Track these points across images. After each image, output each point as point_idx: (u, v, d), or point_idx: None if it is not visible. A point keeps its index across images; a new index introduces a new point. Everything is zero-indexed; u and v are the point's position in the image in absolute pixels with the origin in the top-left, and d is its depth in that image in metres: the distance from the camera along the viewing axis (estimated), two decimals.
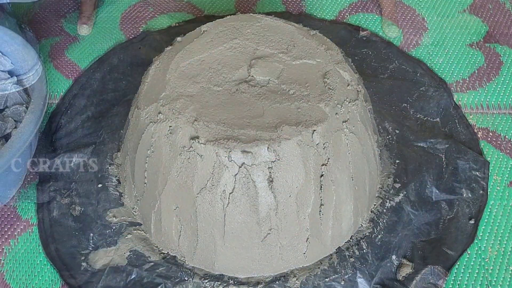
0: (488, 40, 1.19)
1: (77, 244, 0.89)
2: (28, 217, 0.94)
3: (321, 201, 0.81)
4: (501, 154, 1.01)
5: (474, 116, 1.06)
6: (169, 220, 0.83)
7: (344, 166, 0.82)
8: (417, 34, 1.21)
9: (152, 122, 0.83)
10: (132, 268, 0.86)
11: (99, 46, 1.20)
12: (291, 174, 0.78)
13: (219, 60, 0.88)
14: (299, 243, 0.83)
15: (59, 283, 0.87)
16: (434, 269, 0.85)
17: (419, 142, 1.00)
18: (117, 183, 0.96)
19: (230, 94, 0.83)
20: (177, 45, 0.92)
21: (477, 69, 1.14)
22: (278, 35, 0.91)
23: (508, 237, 0.91)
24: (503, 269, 0.88)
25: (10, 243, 0.91)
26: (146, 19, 1.26)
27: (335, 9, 1.26)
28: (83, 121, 1.05)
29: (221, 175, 0.77)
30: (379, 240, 0.88)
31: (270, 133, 0.78)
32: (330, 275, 0.85)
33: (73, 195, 0.94)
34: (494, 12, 1.25)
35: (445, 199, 0.93)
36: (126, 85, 1.11)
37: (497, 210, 0.94)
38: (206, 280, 0.84)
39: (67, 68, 1.16)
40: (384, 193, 0.93)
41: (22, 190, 0.97)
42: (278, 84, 0.84)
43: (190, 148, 0.78)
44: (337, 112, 0.81)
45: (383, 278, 0.85)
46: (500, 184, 0.97)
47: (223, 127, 0.79)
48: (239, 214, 0.79)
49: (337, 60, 0.88)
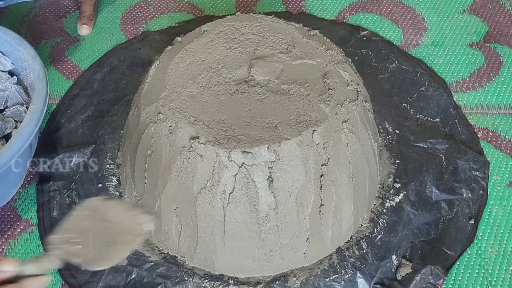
0: (488, 40, 1.19)
1: None
2: (28, 217, 0.94)
3: (321, 201, 0.81)
4: (501, 154, 1.01)
5: (474, 116, 1.06)
6: (169, 220, 0.83)
7: (344, 166, 0.82)
8: (417, 34, 1.21)
9: (152, 122, 0.83)
10: (132, 268, 0.86)
11: (100, 47, 1.20)
12: (291, 174, 0.78)
13: (219, 60, 0.88)
14: (299, 243, 0.82)
15: (59, 283, 0.87)
16: (434, 269, 0.85)
17: (419, 142, 1.00)
18: (117, 183, 0.96)
19: (230, 94, 0.83)
20: (177, 45, 0.92)
21: (477, 69, 1.14)
22: (278, 35, 0.91)
23: (508, 237, 0.91)
24: (503, 269, 0.88)
25: (10, 243, 0.91)
26: (146, 19, 1.26)
27: (335, 9, 1.26)
28: (83, 121, 1.05)
29: (221, 175, 0.77)
30: (379, 240, 0.88)
31: (270, 133, 0.78)
32: (330, 275, 0.85)
33: (73, 195, 0.95)
34: (494, 12, 1.25)
35: (445, 199, 0.93)
36: (126, 85, 1.10)
37: (497, 210, 0.94)
38: (206, 280, 0.84)
39: (67, 69, 1.16)
40: (384, 193, 0.93)
41: (22, 190, 0.97)
42: (278, 84, 0.84)
43: (190, 148, 0.78)
44: (337, 112, 0.81)
45: (383, 278, 0.85)
46: (500, 184, 0.97)
47: (223, 127, 0.79)
48: (239, 214, 0.79)
49: (337, 60, 0.88)
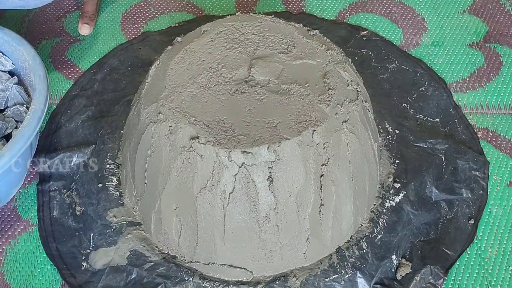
0: (488, 40, 1.19)
1: (77, 244, 0.89)
2: (28, 217, 0.94)
3: (321, 201, 0.81)
4: (501, 154, 1.01)
5: (474, 116, 1.06)
6: (169, 220, 0.83)
7: (344, 166, 0.82)
8: (417, 34, 1.21)
9: (152, 122, 0.83)
10: (132, 268, 0.86)
11: (100, 47, 1.20)
12: (291, 174, 0.78)
13: (219, 60, 0.88)
14: (299, 243, 0.83)
15: (59, 283, 0.87)
16: (434, 269, 0.85)
17: (419, 142, 1.00)
18: (117, 183, 0.96)
19: (230, 94, 0.83)
20: (177, 45, 0.92)
21: (477, 69, 1.14)
22: (278, 35, 0.91)
23: (508, 237, 0.91)
24: (502, 269, 0.88)
25: (10, 243, 0.91)
26: (147, 20, 1.26)
27: (335, 9, 1.26)
28: (83, 121, 1.05)
29: (221, 175, 0.77)
30: (379, 240, 0.89)
31: (270, 133, 0.78)
32: (330, 275, 0.85)
33: (74, 195, 0.95)
34: (494, 12, 1.25)
35: (445, 199, 0.93)
36: (126, 85, 1.10)
37: (496, 210, 0.94)
38: (206, 280, 0.84)
39: (68, 69, 1.16)
40: (384, 193, 0.93)
41: (23, 190, 0.97)
42: (278, 84, 0.84)
43: (190, 148, 0.78)
44: (337, 112, 0.81)
45: (383, 278, 0.85)
46: (500, 184, 0.97)
47: (223, 127, 0.79)
48: (239, 214, 0.79)
49: (337, 60, 0.88)
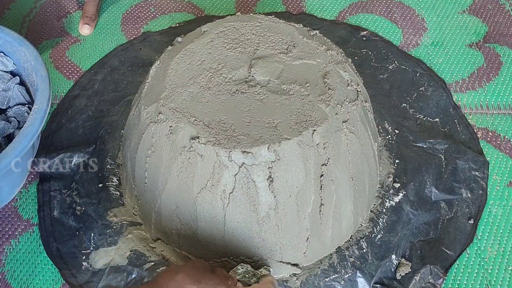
0: (487, 41, 1.19)
1: (78, 244, 0.89)
2: (29, 217, 0.94)
3: (321, 201, 0.81)
4: (500, 154, 1.01)
5: (473, 116, 1.06)
6: (169, 220, 0.84)
7: (344, 166, 0.82)
8: (417, 34, 1.21)
9: (153, 122, 0.83)
10: (132, 268, 0.86)
11: (100, 47, 1.20)
12: (291, 174, 0.78)
13: (219, 60, 0.88)
14: (299, 243, 0.83)
15: (60, 283, 0.87)
16: (433, 269, 0.85)
17: (419, 142, 1.00)
18: (117, 183, 0.96)
19: (230, 94, 0.83)
20: (178, 45, 0.92)
21: (477, 69, 1.14)
22: (278, 35, 0.92)
23: (507, 237, 0.91)
24: (502, 269, 0.88)
25: (11, 243, 0.91)
26: (147, 20, 1.26)
27: (336, 9, 1.27)
28: (84, 121, 1.05)
29: (221, 175, 0.77)
30: (378, 239, 0.89)
31: (270, 133, 0.78)
32: (330, 274, 0.85)
33: (74, 195, 0.95)
34: (494, 12, 1.25)
35: (445, 199, 0.93)
36: (127, 85, 1.11)
37: (496, 210, 0.94)
38: None
39: (68, 69, 1.16)
40: (383, 193, 0.94)
41: (23, 190, 0.97)
42: (278, 84, 0.85)
43: (190, 148, 0.78)
44: (337, 112, 0.81)
45: (382, 277, 0.85)
46: (499, 184, 0.97)
47: (223, 127, 0.79)
48: (239, 214, 0.79)
49: (337, 60, 0.89)
